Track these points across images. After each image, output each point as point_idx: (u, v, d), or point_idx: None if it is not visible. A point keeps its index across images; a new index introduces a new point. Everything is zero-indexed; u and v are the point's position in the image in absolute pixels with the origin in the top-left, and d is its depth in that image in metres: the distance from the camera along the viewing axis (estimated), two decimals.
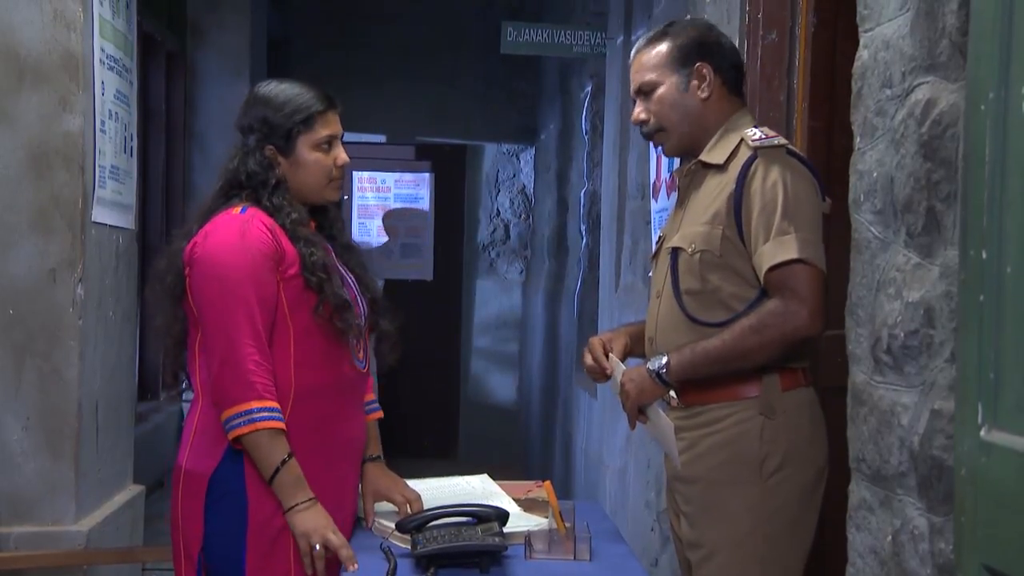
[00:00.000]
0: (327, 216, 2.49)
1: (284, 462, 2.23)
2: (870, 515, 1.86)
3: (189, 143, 6.09)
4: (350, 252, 2.51)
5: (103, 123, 3.43)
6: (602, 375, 2.41)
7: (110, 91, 3.50)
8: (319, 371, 2.32)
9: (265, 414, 2.21)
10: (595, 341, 2.44)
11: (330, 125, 2.39)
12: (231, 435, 2.22)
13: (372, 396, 2.56)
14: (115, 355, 3.62)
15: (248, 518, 2.27)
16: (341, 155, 2.41)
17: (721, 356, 2.22)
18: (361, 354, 2.42)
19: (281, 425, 2.23)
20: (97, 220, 3.39)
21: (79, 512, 3.30)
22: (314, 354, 2.32)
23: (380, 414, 2.57)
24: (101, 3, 3.40)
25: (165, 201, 5.84)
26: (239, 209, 2.32)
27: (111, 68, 3.51)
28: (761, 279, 2.22)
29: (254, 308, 2.24)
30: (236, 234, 2.27)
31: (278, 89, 2.39)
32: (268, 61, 6.71)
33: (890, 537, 1.77)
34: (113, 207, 3.55)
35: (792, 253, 2.18)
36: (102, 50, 3.41)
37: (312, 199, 2.40)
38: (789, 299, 2.18)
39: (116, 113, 3.57)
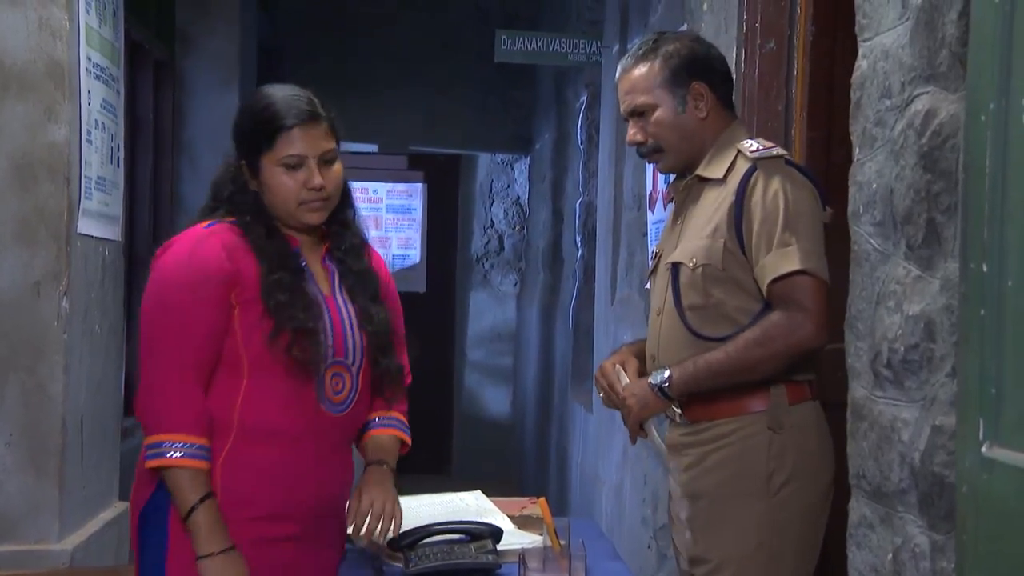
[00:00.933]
0: (341, 239, 2.25)
1: (201, 502, 2.03)
2: (870, 532, 1.84)
3: (177, 153, 6.03)
4: (359, 279, 2.25)
5: (89, 133, 3.39)
6: (616, 403, 2.36)
7: (96, 101, 3.46)
8: (273, 411, 2.11)
9: (176, 452, 2.03)
10: (608, 365, 2.39)
11: (295, 144, 2.11)
12: (145, 465, 2.08)
13: (395, 414, 2.33)
14: (101, 370, 3.57)
15: (167, 555, 2.09)
16: (314, 178, 2.12)
17: (724, 369, 2.20)
18: (341, 395, 2.17)
19: (195, 464, 2.04)
20: (83, 232, 3.34)
21: (63, 530, 3.25)
22: (269, 390, 2.10)
23: (393, 431, 2.30)
24: (88, 11, 3.36)
25: (152, 212, 5.79)
26: (206, 224, 2.16)
27: (98, 77, 3.47)
28: (764, 291, 2.20)
29: (187, 333, 2.07)
30: (186, 252, 2.11)
31: (259, 97, 2.21)
32: (259, 69, 6.68)
33: (891, 555, 1.75)
34: (99, 218, 3.51)
35: (795, 264, 2.16)
36: (88, 59, 3.37)
37: (287, 222, 2.18)
38: (793, 311, 2.16)
39: (103, 123, 3.53)
